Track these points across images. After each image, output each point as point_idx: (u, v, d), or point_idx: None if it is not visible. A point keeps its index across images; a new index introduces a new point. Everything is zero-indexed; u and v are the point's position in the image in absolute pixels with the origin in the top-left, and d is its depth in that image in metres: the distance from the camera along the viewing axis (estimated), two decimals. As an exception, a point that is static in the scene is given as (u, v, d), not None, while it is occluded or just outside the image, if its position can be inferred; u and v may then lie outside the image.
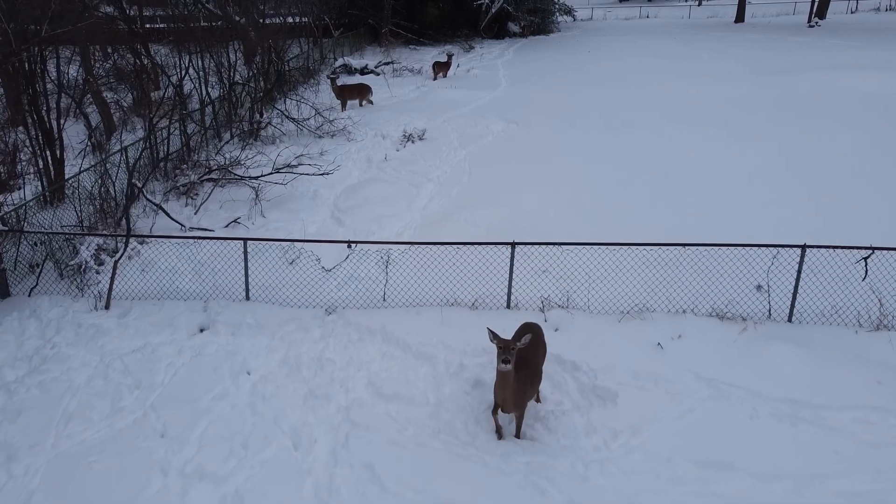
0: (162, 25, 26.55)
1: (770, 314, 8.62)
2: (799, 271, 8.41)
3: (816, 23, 42.03)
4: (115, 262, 8.84)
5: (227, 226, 11.50)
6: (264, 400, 7.39)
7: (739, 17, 46.66)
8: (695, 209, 11.78)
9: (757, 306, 8.75)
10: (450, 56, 26.79)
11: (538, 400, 7.30)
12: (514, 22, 42.08)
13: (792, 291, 8.52)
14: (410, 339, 8.31)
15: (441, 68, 26.25)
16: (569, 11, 46.71)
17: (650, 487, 6.06)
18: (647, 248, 9.11)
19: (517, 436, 6.73)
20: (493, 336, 6.20)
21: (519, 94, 22.56)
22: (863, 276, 8.74)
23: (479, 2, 39.61)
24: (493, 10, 40.08)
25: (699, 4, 60.66)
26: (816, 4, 43.72)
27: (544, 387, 7.42)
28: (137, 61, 20.46)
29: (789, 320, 8.55)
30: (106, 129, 17.58)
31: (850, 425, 6.76)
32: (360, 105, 21.03)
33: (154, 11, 27.85)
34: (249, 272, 9.41)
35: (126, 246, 9.25)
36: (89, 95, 17.49)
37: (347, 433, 6.82)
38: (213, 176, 12.76)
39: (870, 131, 15.96)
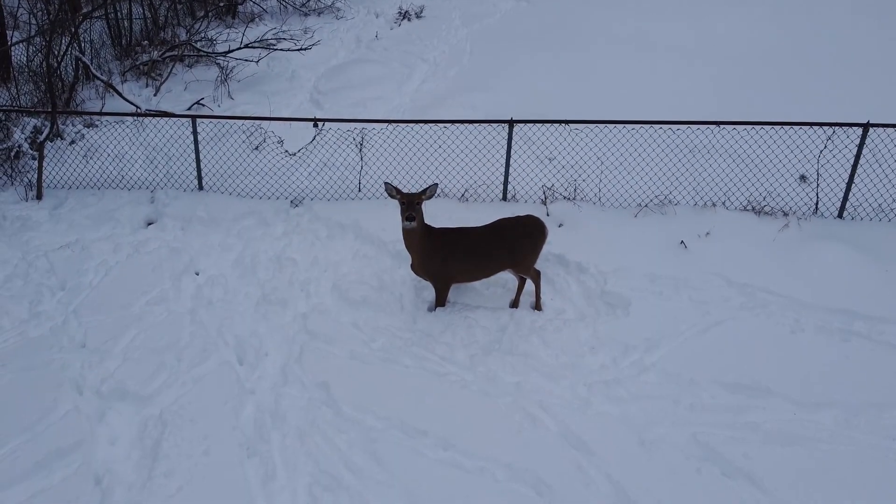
0: None
1: (817, 209, 7.20)
2: (857, 156, 6.91)
3: None
4: (41, 144, 7.49)
5: (188, 108, 10.03)
6: (209, 305, 6.24)
7: None
8: (736, 94, 10.05)
9: (801, 199, 7.33)
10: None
11: (538, 307, 6.11)
12: None
13: (846, 182, 7.06)
14: (387, 235, 7.02)
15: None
16: None
17: (667, 416, 4.88)
18: (674, 128, 7.53)
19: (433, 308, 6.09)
20: (395, 191, 5.61)
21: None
22: (934, 164, 7.27)
23: None
24: None
25: None
26: None
27: (544, 292, 6.20)
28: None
29: (840, 216, 7.15)
30: (70, 9, 15.79)
31: (916, 342, 5.50)
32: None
33: None
34: (209, 160, 8.09)
35: (53, 125, 7.87)
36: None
37: (303, 346, 5.67)
38: (177, 53, 11.16)
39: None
